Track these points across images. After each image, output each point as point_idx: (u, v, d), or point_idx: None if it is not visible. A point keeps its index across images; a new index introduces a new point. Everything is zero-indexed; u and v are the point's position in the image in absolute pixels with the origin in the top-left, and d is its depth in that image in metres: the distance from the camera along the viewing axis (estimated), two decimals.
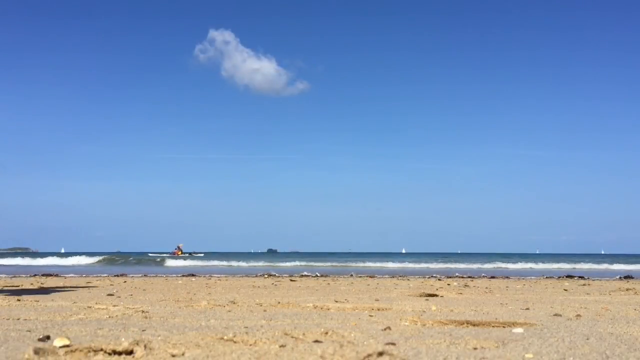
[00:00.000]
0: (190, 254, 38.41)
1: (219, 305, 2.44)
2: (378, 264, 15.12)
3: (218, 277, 6.30)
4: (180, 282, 4.85)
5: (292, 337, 1.36)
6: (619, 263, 17.87)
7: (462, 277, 6.98)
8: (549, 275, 8.60)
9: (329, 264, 13.41)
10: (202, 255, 36.72)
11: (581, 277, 7.64)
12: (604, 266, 16.77)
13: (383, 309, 2.30)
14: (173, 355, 1.09)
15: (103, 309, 2.22)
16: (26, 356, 1.04)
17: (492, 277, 7.16)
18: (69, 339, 1.24)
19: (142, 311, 2.12)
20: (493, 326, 1.74)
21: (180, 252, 38.94)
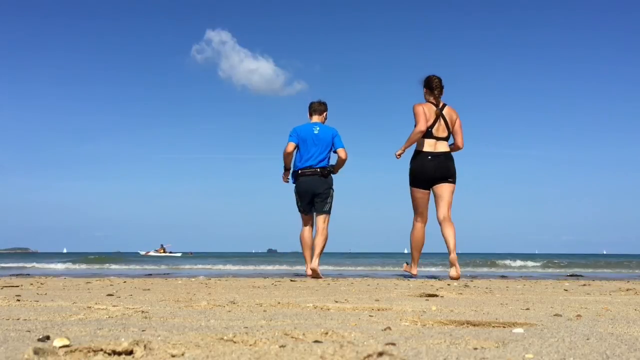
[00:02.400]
0: (170, 252, 40.33)
1: (219, 305, 2.44)
2: (379, 266, 15.08)
3: (217, 277, 6.31)
4: (180, 282, 4.85)
5: (292, 337, 1.36)
6: (621, 264, 17.83)
7: (462, 277, 6.99)
8: (549, 276, 8.60)
9: (330, 267, 13.39)
10: (179, 255, 38.63)
11: (581, 277, 7.63)
12: (606, 267, 16.73)
13: (383, 309, 2.30)
14: (173, 356, 1.09)
15: (103, 309, 2.22)
16: (26, 356, 1.04)
17: (492, 278, 7.16)
18: (68, 339, 1.24)
19: (142, 311, 2.11)
20: (493, 326, 1.73)
21: (163, 251, 41.00)
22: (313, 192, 5.66)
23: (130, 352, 1.11)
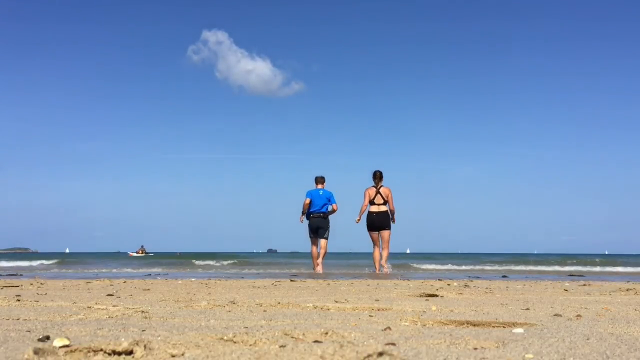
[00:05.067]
0: (147, 253, 41.15)
1: (219, 305, 2.44)
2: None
3: (217, 277, 6.31)
4: (179, 282, 4.85)
5: (292, 337, 1.36)
6: (622, 264, 17.76)
7: (462, 278, 6.98)
8: (549, 276, 8.60)
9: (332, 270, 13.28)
10: (152, 254, 39.40)
11: (581, 277, 7.64)
12: (606, 267, 16.66)
13: (383, 309, 2.30)
14: (173, 356, 1.09)
15: (103, 309, 2.22)
16: (26, 356, 1.04)
17: (492, 278, 7.16)
18: (68, 339, 1.24)
19: (142, 311, 2.12)
20: (493, 326, 1.74)
21: (142, 252, 41.72)
22: (318, 227, 10.02)
23: (130, 352, 1.11)
